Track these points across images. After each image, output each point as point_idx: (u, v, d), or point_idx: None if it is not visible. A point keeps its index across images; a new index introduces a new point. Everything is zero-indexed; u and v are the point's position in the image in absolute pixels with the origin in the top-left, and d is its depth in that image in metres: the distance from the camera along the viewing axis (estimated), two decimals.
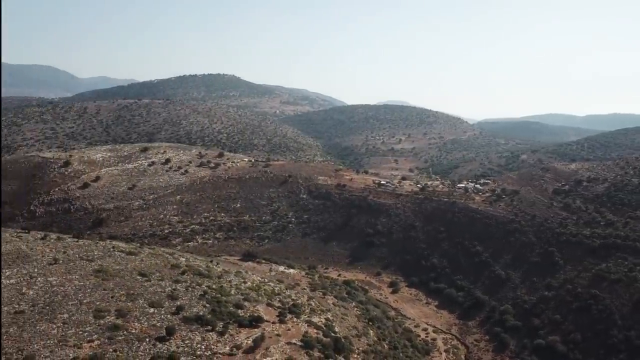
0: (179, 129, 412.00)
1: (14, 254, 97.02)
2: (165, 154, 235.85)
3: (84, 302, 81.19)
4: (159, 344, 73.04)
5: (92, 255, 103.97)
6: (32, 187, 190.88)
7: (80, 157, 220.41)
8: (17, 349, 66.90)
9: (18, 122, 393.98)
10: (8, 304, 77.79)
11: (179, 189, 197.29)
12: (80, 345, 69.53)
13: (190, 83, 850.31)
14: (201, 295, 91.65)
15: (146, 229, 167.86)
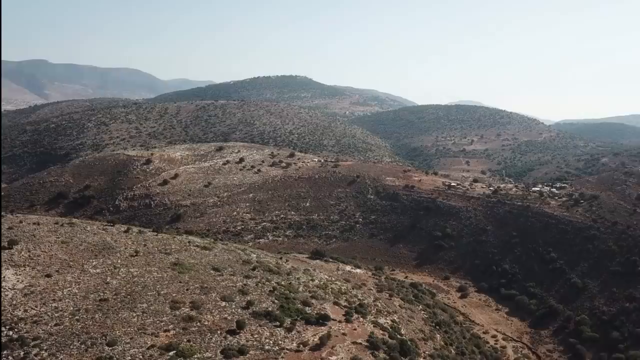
0: (253, 129, 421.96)
1: (100, 246, 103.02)
2: (240, 154, 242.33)
3: (162, 293, 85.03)
4: (230, 336, 75.25)
5: (170, 249, 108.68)
6: (117, 183, 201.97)
7: (161, 155, 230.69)
8: (101, 334, 71.09)
9: (106, 122, 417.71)
10: (94, 292, 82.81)
11: (251, 187, 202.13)
12: (157, 334, 72.91)
13: (264, 84, 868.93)
14: (270, 291, 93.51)
15: (220, 225, 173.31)
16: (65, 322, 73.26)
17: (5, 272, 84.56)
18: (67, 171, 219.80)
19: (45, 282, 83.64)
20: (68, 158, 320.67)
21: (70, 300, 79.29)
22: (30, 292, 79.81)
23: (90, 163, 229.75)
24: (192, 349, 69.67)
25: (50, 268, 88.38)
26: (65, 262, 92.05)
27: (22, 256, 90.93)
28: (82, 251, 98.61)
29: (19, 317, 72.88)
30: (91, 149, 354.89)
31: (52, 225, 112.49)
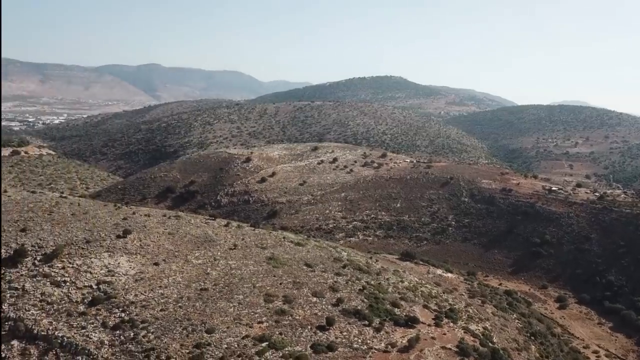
0: (347, 130, 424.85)
1: (202, 238, 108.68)
2: (333, 153, 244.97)
3: (257, 286, 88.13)
4: (320, 332, 76.46)
5: (266, 243, 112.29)
6: (220, 180, 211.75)
7: (260, 154, 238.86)
8: (201, 322, 75.07)
9: (211, 122, 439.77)
10: (196, 281, 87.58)
11: (344, 186, 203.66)
12: (252, 325, 75.74)
13: (359, 85, 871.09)
14: (360, 290, 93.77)
15: (313, 222, 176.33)
16: (170, 308, 78.20)
17: (120, 258, 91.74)
18: (175, 167, 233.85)
19: (153, 269, 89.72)
20: (176, 155, 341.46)
21: (175, 288, 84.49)
22: (140, 279, 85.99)
23: (196, 160, 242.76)
24: (284, 342, 71.63)
25: (158, 257, 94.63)
26: (171, 252, 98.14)
27: (134, 245, 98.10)
28: (186, 242, 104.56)
29: (130, 300, 78.83)
30: (197, 146, 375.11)
31: (161, 218, 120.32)
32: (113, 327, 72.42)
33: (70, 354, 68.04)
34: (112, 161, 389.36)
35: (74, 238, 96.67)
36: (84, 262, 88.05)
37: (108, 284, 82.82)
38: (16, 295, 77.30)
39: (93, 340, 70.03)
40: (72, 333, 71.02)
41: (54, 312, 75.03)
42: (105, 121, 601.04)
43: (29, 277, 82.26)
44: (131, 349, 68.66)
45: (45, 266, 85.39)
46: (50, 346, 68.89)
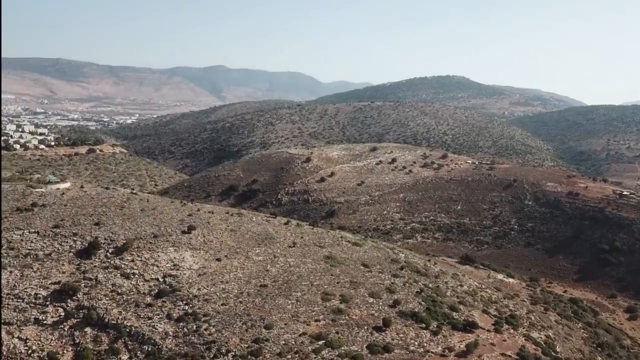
0: (406, 130, 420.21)
1: (262, 235, 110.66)
2: (392, 154, 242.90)
3: (314, 284, 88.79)
4: (376, 333, 76.07)
5: (324, 242, 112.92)
6: (280, 179, 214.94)
7: (320, 154, 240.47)
8: (260, 317, 76.48)
9: (273, 122, 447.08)
10: (256, 278, 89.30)
11: (402, 187, 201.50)
12: (309, 323, 76.39)
13: (420, 85, 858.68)
14: (417, 292, 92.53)
15: (370, 223, 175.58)
16: (230, 302, 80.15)
17: (185, 253, 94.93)
18: (238, 166, 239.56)
19: (215, 265, 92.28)
20: (239, 154, 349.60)
21: (235, 283, 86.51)
22: (203, 273, 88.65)
23: (258, 160, 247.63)
24: (340, 341, 71.78)
25: (220, 253, 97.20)
26: (233, 249, 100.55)
27: (198, 240, 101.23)
28: (247, 239, 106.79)
29: (193, 294, 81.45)
30: (259, 146, 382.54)
31: (224, 215, 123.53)
32: (177, 319, 75.10)
33: (138, 343, 71.15)
34: (179, 159, 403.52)
35: (143, 232, 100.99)
36: (152, 256, 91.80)
37: (173, 277, 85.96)
38: (90, 285, 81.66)
39: (158, 331, 72.91)
40: (139, 323, 74.24)
41: (123, 302, 78.73)
42: (173, 121, 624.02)
43: (101, 268, 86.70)
44: (193, 341, 70.96)
45: (116, 258, 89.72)
46: (119, 334, 72.31)
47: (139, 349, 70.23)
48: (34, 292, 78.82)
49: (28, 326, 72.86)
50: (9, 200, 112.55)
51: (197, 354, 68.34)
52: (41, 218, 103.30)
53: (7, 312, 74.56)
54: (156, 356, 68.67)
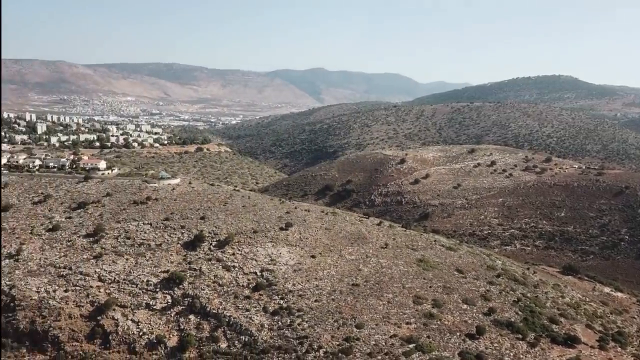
0: (507, 132, 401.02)
1: (355, 235, 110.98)
2: (491, 156, 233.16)
3: (406, 287, 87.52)
4: (468, 340, 73.42)
5: (417, 245, 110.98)
6: (374, 180, 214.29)
7: (415, 155, 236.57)
8: (351, 316, 76.74)
9: (369, 124, 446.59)
10: (348, 276, 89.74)
11: (501, 191, 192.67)
12: (400, 325, 75.40)
13: (523, 85, 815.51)
14: (514, 301, 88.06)
15: (466, 227, 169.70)
16: (323, 299, 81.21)
17: (282, 249, 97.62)
18: (334, 167, 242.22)
19: (310, 261, 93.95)
20: (335, 155, 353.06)
21: (329, 280, 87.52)
22: (299, 269, 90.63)
23: (353, 160, 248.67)
24: (431, 346, 70.12)
25: (315, 250, 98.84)
26: (327, 247, 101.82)
27: (295, 237, 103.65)
28: (341, 238, 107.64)
29: (288, 289, 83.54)
30: (355, 147, 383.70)
31: (319, 213, 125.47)
32: (272, 313, 77.42)
33: (236, 333, 74.28)
34: (279, 159, 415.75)
35: (244, 228, 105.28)
36: (251, 250, 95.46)
37: (270, 272, 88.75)
38: (194, 275, 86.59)
39: (255, 323, 75.61)
40: (237, 314, 77.47)
41: (223, 293, 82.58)
42: (274, 122, 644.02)
43: (205, 260, 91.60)
44: (287, 335, 72.75)
45: (219, 251, 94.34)
46: (219, 323, 75.93)
47: (237, 339, 73.29)
48: (146, 279, 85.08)
49: (140, 310, 78.75)
50: (127, 193, 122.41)
51: (290, 348, 69.99)
52: (154, 211, 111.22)
53: (123, 295, 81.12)
54: (252, 347, 71.28)
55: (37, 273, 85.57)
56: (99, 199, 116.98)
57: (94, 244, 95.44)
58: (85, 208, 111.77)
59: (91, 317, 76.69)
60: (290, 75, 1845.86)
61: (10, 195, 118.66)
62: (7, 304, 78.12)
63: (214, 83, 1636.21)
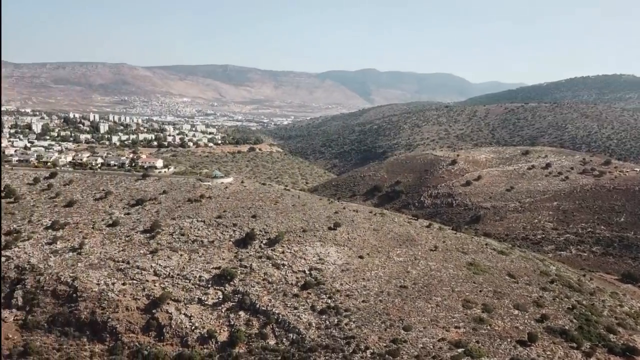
0: (563, 133, 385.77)
1: (404, 237, 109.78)
2: (546, 159, 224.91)
3: (455, 290, 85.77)
4: (519, 347, 71.12)
5: (467, 248, 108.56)
6: (424, 181, 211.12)
7: (466, 156, 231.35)
8: (399, 318, 75.93)
9: (419, 124, 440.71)
10: (396, 278, 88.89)
11: (556, 195, 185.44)
12: (448, 329, 73.94)
13: (581, 85, 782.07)
14: (569, 308, 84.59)
15: (519, 231, 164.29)
16: (371, 300, 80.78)
17: (330, 248, 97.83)
18: (383, 167, 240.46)
19: (358, 262, 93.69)
20: (385, 156, 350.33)
21: (376, 282, 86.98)
22: (346, 269, 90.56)
23: (402, 161, 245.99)
24: (480, 351, 68.39)
25: (363, 251, 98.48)
26: (375, 248, 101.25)
27: (343, 237, 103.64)
28: (389, 240, 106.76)
29: (336, 288, 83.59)
30: (404, 148, 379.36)
31: (367, 214, 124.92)
32: (320, 312, 77.67)
33: (284, 330, 75.00)
34: (329, 159, 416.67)
35: (293, 226, 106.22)
36: (300, 249, 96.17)
37: (318, 270, 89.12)
38: (245, 273, 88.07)
39: (303, 321, 76.08)
40: (286, 312, 78.20)
41: (273, 290, 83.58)
42: (324, 123, 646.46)
43: (255, 257, 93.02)
44: (334, 334, 72.78)
45: (269, 249, 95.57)
46: (268, 320, 76.87)
47: (285, 336, 74.00)
48: (198, 275, 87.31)
49: (192, 305, 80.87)
50: (182, 191, 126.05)
51: (337, 347, 69.97)
52: (207, 209, 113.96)
53: (177, 290, 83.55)
54: (300, 345, 71.75)
55: (98, 266, 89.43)
56: (156, 197, 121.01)
57: (150, 239, 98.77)
58: (142, 205, 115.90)
59: (146, 310, 79.39)
60: (341, 76, 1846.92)
61: (75, 192, 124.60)
62: (70, 294, 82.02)
63: (267, 84, 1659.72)
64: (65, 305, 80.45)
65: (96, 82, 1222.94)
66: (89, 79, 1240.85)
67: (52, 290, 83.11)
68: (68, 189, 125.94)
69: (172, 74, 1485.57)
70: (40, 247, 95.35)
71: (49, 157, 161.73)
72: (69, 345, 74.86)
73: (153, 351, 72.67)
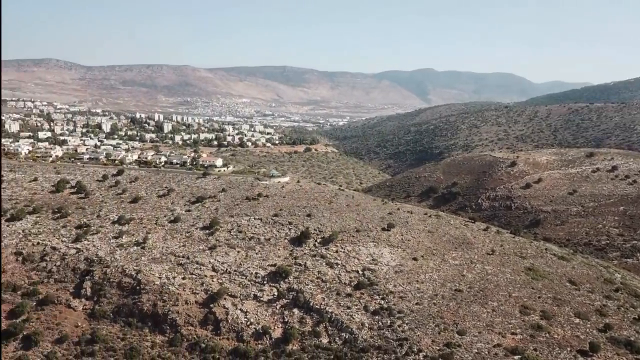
0: (632, 135, 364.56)
1: (460, 239, 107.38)
2: (612, 161, 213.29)
3: (512, 296, 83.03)
4: (580, 356, 67.91)
5: (526, 253, 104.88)
6: (482, 183, 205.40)
7: (526, 158, 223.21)
8: (453, 322, 74.33)
9: (477, 124, 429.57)
10: (451, 281, 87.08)
11: (623, 199, 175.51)
12: (505, 335, 71.66)
13: None
14: (635, 319, 79.93)
15: (581, 236, 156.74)
16: (424, 303, 79.53)
17: (383, 249, 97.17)
18: (439, 168, 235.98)
19: (411, 264, 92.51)
20: (441, 157, 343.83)
21: (430, 284, 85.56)
22: (400, 271, 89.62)
23: (459, 162, 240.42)
24: (538, 359, 65.86)
25: (417, 253, 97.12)
26: (429, 250, 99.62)
27: (397, 238, 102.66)
28: (444, 242, 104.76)
29: (389, 290, 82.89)
30: (461, 149, 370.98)
31: (422, 215, 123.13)
32: (373, 312, 77.25)
33: (337, 329, 75.13)
34: (383, 160, 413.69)
35: (347, 226, 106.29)
36: (353, 249, 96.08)
37: (372, 271, 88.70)
38: (299, 270, 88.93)
39: (355, 321, 75.94)
40: (339, 311, 78.31)
41: (326, 289, 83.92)
42: (379, 123, 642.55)
43: (310, 256, 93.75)
44: (387, 336, 72.20)
45: (323, 248, 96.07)
46: (321, 319, 77.26)
47: (337, 335, 74.12)
48: (254, 272, 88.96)
49: (248, 301, 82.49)
50: (240, 189, 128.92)
51: (390, 349, 69.40)
52: (264, 207, 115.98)
53: (233, 286, 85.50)
54: (352, 344, 71.68)
55: (160, 260, 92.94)
56: (215, 194, 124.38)
57: (209, 236, 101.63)
58: (202, 202, 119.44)
59: (204, 304, 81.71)
60: (397, 77, 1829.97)
61: (140, 189, 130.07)
62: (134, 286, 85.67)
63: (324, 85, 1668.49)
64: (129, 297, 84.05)
65: (161, 84, 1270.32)
66: (154, 80, 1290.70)
67: (118, 282, 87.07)
68: (134, 186, 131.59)
69: (233, 75, 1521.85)
70: (108, 240, 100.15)
71: (116, 156, 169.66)
72: (132, 335, 78.13)
73: (210, 345, 74.68)
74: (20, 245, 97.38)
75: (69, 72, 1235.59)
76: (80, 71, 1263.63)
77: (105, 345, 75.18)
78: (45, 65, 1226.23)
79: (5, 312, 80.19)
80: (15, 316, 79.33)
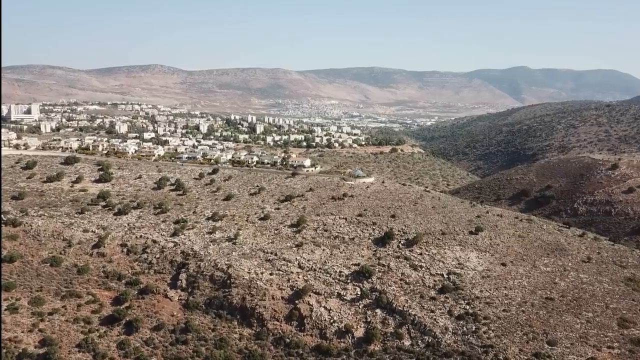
0: None
1: (553, 245, 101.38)
2: None
3: (610, 307, 77.20)
4: None
5: (626, 262, 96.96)
6: (578, 186, 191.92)
7: (629, 161, 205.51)
8: (543, 331, 70.45)
9: (575, 125, 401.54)
10: (542, 289, 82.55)
11: None
12: (600, 348, 66.83)
13: None
14: None
15: None
16: (512, 310, 76.05)
17: (470, 253, 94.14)
18: (532, 170, 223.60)
19: (500, 269, 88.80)
20: (534, 158, 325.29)
21: (519, 291, 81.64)
22: (487, 276, 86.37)
23: (554, 164, 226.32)
24: None
25: (506, 258, 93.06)
26: (519, 255, 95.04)
27: (485, 242, 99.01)
28: (536, 248, 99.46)
29: (475, 295, 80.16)
30: (557, 150, 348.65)
31: (512, 219, 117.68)
32: (457, 317, 75.08)
33: (419, 332, 73.88)
34: (472, 161, 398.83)
35: (432, 228, 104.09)
36: (438, 252, 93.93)
37: (457, 275, 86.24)
38: (382, 271, 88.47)
39: (439, 325, 74.21)
40: (422, 314, 76.93)
41: (410, 291, 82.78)
42: (469, 123, 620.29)
43: (393, 257, 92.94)
44: (471, 342, 69.86)
45: (407, 250, 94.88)
46: (404, 321, 76.34)
47: (420, 338, 72.89)
48: (338, 270, 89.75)
49: (332, 299, 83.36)
50: (326, 189, 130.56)
51: (474, 355, 67.15)
52: (349, 207, 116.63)
53: (318, 283, 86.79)
54: (435, 348, 70.17)
55: (249, 256, 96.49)
56: (303, 194, 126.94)
57: (296, 233, 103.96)
58: (291, 201, 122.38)
59: (290, 300, 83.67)
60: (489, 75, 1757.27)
61: (232, 187, 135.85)
62: (225, 280, 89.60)
63: (412, 85, 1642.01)
64: (220, 290, 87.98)
65: (254, 86, 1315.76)
66: (248, 83, 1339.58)
67: (210, 276, 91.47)
68: (227, 184, 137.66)
69: (322, 77, 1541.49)
70: (202, 235, 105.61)
71: (212, 155, 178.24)
72: (222, 326, 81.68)
73: (294, 340, 76.37)
74: (126, 238, 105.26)
75: (172, 77, 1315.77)
76: (181, 75, 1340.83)
77: (197, 335, 79.23)
78: (151, 71, 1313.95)
79: (110, 299, 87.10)
80: (119, 303, 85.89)
